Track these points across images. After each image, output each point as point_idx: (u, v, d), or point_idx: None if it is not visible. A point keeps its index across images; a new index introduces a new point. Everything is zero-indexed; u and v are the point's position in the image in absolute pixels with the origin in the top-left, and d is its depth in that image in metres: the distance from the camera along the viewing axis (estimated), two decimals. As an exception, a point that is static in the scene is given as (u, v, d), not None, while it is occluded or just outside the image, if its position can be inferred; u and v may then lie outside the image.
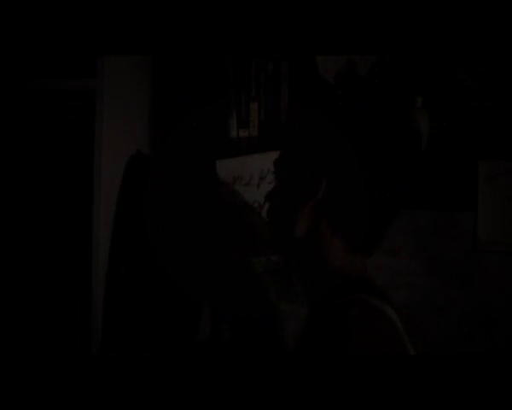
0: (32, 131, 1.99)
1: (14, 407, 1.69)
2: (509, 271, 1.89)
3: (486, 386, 1.08)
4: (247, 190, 1.94)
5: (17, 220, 1.97)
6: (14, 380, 1.73)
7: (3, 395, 1.69)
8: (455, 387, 0.92)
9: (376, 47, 1.61)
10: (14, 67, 1.94)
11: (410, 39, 1.57)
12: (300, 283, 1.15)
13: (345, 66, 1.90)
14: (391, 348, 0.94)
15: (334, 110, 1.08)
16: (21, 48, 1.86)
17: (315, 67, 1.93)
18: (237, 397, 1.07)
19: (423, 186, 1.89)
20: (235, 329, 1.98)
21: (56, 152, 2.01)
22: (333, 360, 0.91)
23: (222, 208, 1.96)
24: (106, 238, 1.89)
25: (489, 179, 1.91)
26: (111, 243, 1.91)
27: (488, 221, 1.91)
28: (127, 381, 1.66)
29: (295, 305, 1.91)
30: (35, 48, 1.88)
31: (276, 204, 1.13)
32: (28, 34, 1.69)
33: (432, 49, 1.61)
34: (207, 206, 1.98)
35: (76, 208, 1.98)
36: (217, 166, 1.94)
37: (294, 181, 1.07)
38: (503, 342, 1.86)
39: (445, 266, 1.90)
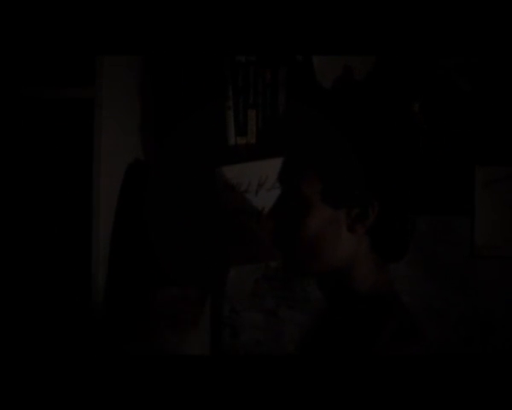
0: (30, 140, 1.99)
1: (14, 407, 1.69)
2: (507, 276, 1.90)
3: (486, 387, 1.09)
4: (246, 197, 1.94)
5: (17, 228, 1.97)
6: (14, 380, 1.73)
7: (4, 395, 1.69)
8: (454, 387, 0.92)
9: (372, 48, 1.61)
10: (10, 76, 1.94)
11: (405, 40, 1.58)
12: (321, 296, 1.08)
13: (342, 72, 1.90)
14: None
15: (332, 116, 1.06)
16: (18, 56, 1.87)
17: (312, 74, 1.94)
18: (239, 399, 1.07)
19: (421, 192, 1.90)
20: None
21: (55, 160, 2.01)
22: (334, 358, 0.91)
23: (220, 215, 1.96)
24: (105, 247, 1.90)
25: (486, 185, 1.92)
26: (110, 251, 1.91)
27: (485, 227, 1.92)
28: (127, 380, 1.66)
29: (294, 311, 1.91)
30: (31, 55, 1.89)
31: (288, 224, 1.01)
32: (24, 42, 1.69)
33: (428, 49, 1.62)
34: (206, 213, 1.99)
35: (75, 216, 1.98)
36: (215, 173, 1.95)
37: (340, 206, 0.96)
38: (501, 347, 1.86)
39: (444, 271, 1.90)
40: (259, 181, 1.93)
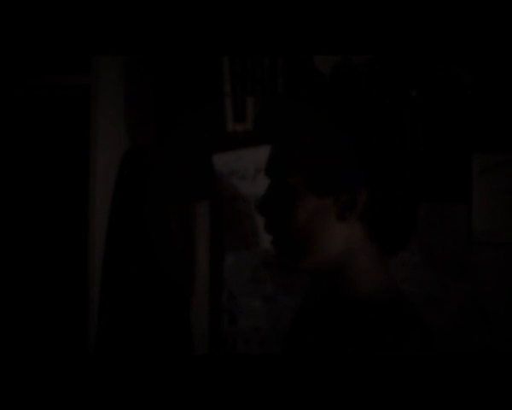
0: (28, 127, 1.99)
1: (11, 407, 1.69)
2: (504, 262, 1.91)
3: (485, 385, 1.09)
4: (243, 183, 1.94)
5: (13, 217, 1.97)
6: (11, 380, 1.73)
7: (1, 395, 1.70)
8: (453, 386, 0.92)
9: (372, 46, 1.61)
10: (9, 65, 1.94)
11: (406, 38, 1.58)
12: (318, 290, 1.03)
13: (341, 60, 1.90)
14: None
15: (330, 104, 1.04)
16: (17, 46, 1.86)
17: (311, 62, 1.94)
18: (239, 398, 1.07)
19: (419, 179, 1.91)
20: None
21: (52, 147, 2.00)
22: (332, 359, 0.90)
23: (218, 201, 1.96)
24: (102, 232, 1.90)
25: (483, 172, 1.92)
26: (107, 236, 1.91)
27: (482, 213, 1.93)
28: (124, 381, 1.67)
29: (292, 297, 1.92)
30: (30, 46, 1.89)
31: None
32: (23, 33, 1.68)
33: (428, 47, 1.62)
34: (204, 199, 1.99)
35: (72, 202, 1.98)
36: (213, 159, 1.95)
37: (324, 193, 0.92)
38: (498, 333, 1.87)
39: (442, 258, 1.91)
40: (256, 167, 1.93)
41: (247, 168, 1.94)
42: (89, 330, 1.88)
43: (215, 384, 1.50)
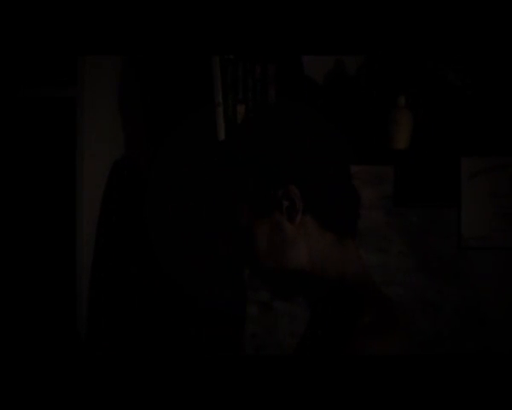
0: (14, 139, 1.98)
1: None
2: (494, 266, 1.92)
3: (479, 385, 1.10)
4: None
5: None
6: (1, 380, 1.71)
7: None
8: (448, 386, 0.93)
9: (363, 47, 1.63)
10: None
11: (397, 39, 1.59)
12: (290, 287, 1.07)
13: (333, 67, 1.92)
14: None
15: (321, 110, 1.06)
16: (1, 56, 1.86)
17: (301, 69, 1.95)
18: (233, 399, 1.06)
19: (410, 184, 1.92)
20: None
21: (38, 159, 2.00)
22: (330, 359, 0.91)
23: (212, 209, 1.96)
24: (91, 241, 1.90)
25: (472, 176, 1.94)
26: (96, 242, 1.91)
27: (471, 218, 1.94)
28: (123, 382, 1.66)
29: (288, 303, 1.92)
30: (15, 56, 1.88)
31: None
32: (8, 43, 1.68)
33: (418, 49, 1.64)
34: (198, 207, 1.99)
35: (60, 213, 1.97)
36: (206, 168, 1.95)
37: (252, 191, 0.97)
38: (492, 337, 1.88)
39: (434, 262, 1.92)
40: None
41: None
42: (80, 331, 1.88)
43: (213, 384, 1.50)
